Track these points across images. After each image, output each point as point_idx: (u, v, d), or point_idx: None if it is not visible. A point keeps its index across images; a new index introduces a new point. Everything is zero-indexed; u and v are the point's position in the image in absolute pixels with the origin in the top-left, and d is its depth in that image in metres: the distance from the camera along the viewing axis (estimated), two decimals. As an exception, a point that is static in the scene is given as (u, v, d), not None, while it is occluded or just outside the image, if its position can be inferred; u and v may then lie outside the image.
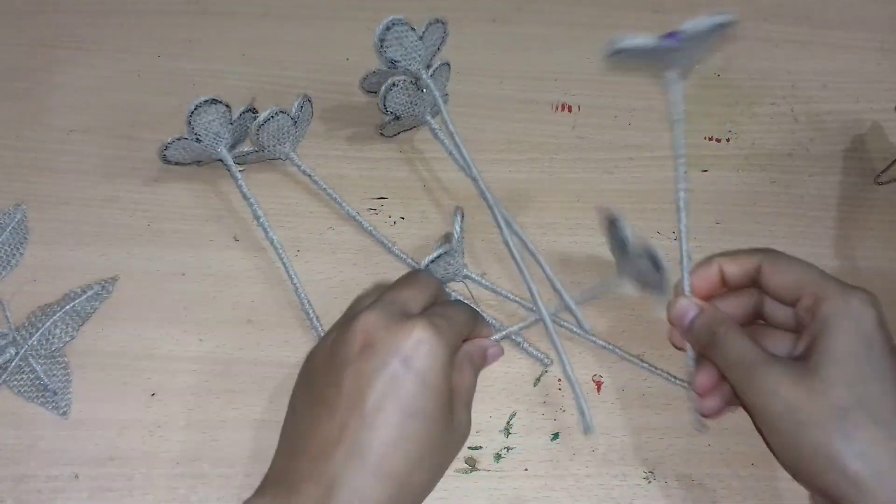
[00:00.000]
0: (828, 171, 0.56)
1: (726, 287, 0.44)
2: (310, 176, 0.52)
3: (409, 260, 0.51)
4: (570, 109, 0.58)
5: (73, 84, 0.57)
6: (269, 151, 0.51)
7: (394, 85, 0.50)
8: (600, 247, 0.52)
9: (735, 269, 0.43)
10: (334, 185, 0.53)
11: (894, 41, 0.63)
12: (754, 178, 0.56)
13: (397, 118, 0.52)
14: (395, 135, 0.55)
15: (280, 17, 0.62)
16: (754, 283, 0.43)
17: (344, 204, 0.51)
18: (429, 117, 0.53)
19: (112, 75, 0.58)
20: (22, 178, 0.53)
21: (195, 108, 0.48)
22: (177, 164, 0.52)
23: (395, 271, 0.50)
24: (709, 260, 0.44)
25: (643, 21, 0.63)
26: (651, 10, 0.64)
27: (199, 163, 0.53)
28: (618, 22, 0.63)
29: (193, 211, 0.52)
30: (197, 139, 0.49)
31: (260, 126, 0.49)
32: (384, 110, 0.51)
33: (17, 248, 0.50)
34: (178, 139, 0.49)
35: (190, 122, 0.48)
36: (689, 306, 0.43)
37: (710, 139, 0.57)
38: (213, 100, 0.48)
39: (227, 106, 0.49)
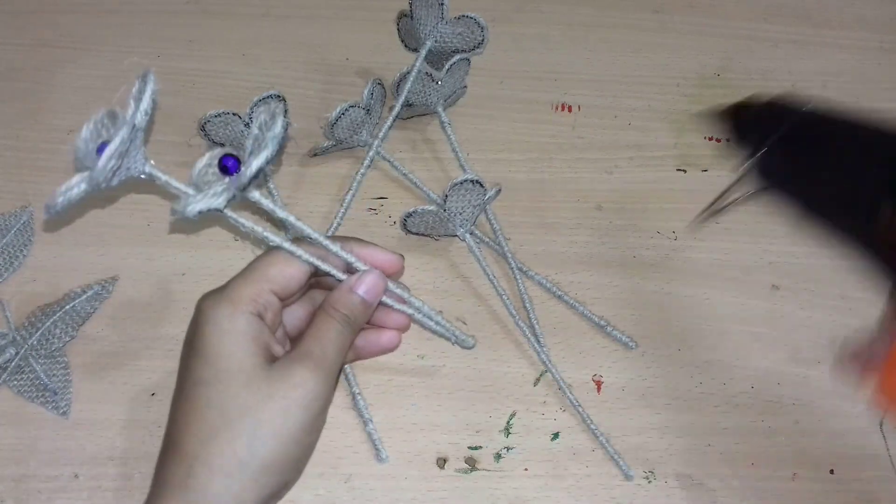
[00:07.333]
0: (828, 171, 0.56)
1: None
2: (390, 161, 0.54)
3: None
4: (570, 109, 0.58)
5: (73, 84, 0.57)
6: (346, 143, 0.53)
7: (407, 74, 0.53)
8: (600, 246, 0.52)
9: None
10: (333, 184, 0.53)
11: (894, 41, 0.63)
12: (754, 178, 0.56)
13: (410, 104, 0.54)
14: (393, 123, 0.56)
15: (280, 17, 0.62)
16: None
17: (426, 189, 0.53)
18: (440, 109, 0.55)
19: (112, 75, 0.58)
20: (22, 178, 0.53)
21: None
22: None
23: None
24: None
25: (643, 21, 0.63)
26: (651, 10, 0.64)
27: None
28: (618, 22, 0.63)
29: (193, 211, 0.52)
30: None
31: (333, 124, 0.50)
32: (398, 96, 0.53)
33: (22, 250, 0.50)
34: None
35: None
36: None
37: (710, 139, 0.57)
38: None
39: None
